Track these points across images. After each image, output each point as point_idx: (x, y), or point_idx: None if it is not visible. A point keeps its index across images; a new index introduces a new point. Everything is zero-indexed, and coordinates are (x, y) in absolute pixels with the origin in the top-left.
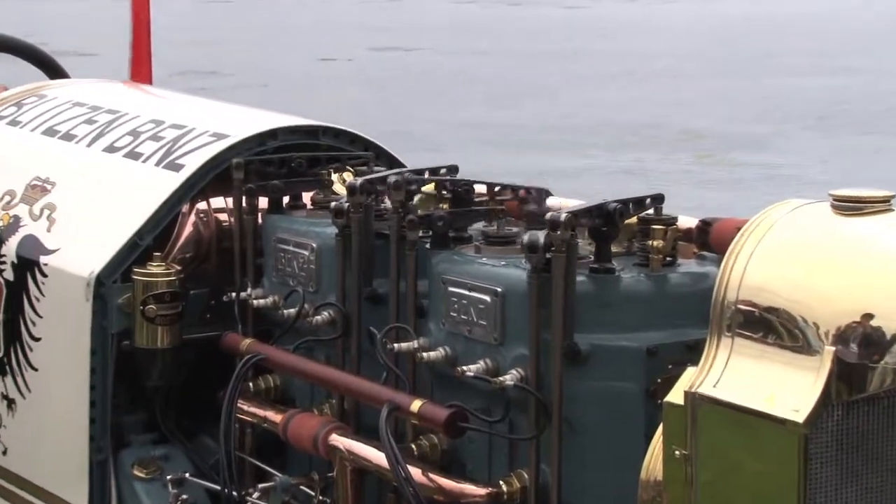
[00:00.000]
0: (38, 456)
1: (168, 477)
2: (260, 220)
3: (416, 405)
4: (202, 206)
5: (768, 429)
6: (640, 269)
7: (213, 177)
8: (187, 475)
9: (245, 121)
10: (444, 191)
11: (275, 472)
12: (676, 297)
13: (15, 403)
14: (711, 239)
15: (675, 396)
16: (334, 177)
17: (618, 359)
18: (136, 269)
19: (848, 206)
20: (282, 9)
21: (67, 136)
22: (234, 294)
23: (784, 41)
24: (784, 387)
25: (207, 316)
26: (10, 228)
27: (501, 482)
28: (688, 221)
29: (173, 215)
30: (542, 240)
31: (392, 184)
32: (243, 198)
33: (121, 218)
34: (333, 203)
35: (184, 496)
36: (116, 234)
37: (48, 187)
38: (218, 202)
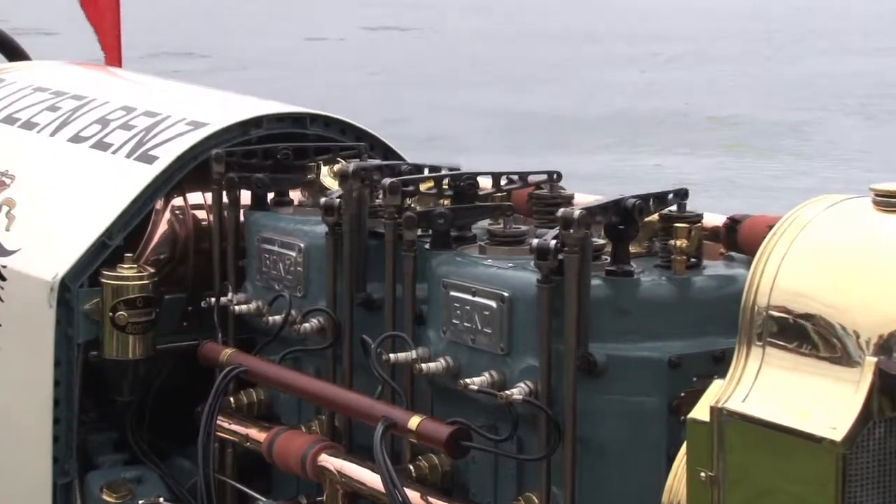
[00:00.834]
0: None
1: (140, 502)
2: (242, 218)
3: (414, 422)
4: (178, 202)
5: (803, 448)
6: (662, 271)
7: (190, 170)
8: (161, 500)
9: (226, 108)
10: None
11: (258, 497)
12: (701, 303)
13: None
14: (740, 238)
15: (701, 412)
16: (324, 170)
17: (637, 371)
18: (105, 272)
19: (891, 202)
20: None
21: (28, 125)
22: (213, 299)
23: (824, 22)
24: (820, 402)
25: (184, 323)
26: None
27: None
28: (714, 219)
29: (146, 212)
30: (553, 244)
31: (388, 186)
32: (223, 193)
33: (88, 215)
34: (323, 199)
35: None
36: (83, 234)
37: (7, 181)
38: (196, 198)
